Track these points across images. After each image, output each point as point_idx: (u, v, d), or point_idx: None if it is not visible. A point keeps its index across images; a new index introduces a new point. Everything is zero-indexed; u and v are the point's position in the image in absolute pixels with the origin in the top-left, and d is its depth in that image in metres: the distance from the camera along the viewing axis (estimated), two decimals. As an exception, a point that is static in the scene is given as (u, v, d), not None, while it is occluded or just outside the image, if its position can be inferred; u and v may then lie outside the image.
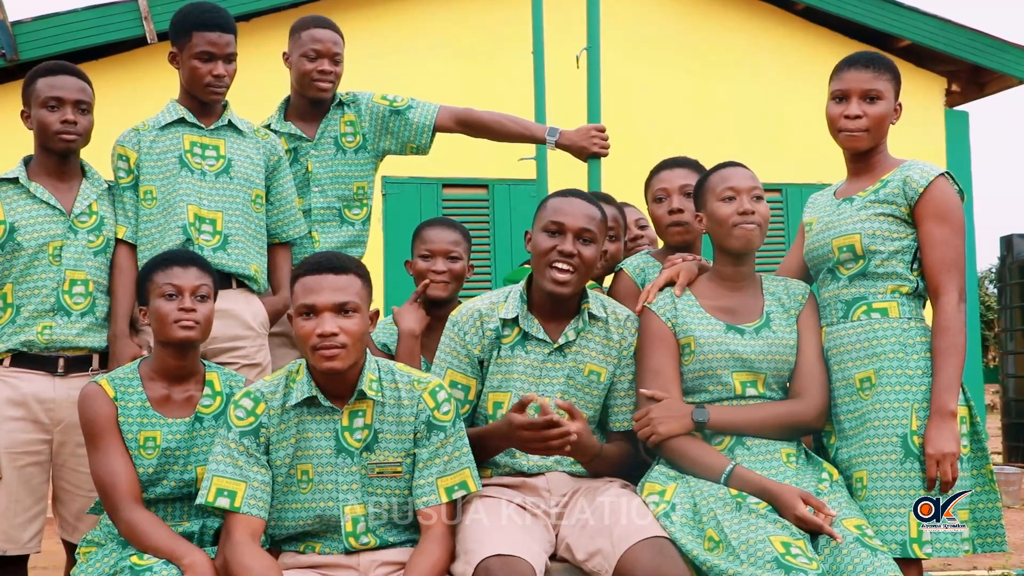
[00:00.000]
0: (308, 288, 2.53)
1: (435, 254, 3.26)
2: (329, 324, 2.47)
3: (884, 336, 2.73)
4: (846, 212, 2.84)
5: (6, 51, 6.77)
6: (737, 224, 2.76)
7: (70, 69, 3.17)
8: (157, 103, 3.42)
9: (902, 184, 2.76)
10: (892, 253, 2.76)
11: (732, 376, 2.77)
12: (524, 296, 2.81)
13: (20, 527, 3.02)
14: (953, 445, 2.57)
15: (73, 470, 3.08)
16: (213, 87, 3.22)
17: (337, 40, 3.53)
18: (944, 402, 2.60)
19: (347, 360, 2.50)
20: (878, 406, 2.68)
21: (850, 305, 2.80)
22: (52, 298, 3.06)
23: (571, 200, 2.78)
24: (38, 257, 3.08)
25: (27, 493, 3.03)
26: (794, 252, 3.09)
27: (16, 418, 3.02)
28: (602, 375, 2.81)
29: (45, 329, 3.05)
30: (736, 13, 8.50)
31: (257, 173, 3.32)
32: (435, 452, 2.60)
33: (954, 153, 8.64)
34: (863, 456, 2.68)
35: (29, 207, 3.11)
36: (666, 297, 2.87)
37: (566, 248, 2.69)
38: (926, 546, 2.57)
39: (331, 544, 2.59)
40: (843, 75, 2.85)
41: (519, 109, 4.01)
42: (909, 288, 2.77)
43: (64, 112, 3.08)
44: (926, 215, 2.73)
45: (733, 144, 7.77)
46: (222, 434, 2.56)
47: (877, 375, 2.70)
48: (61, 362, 3.08)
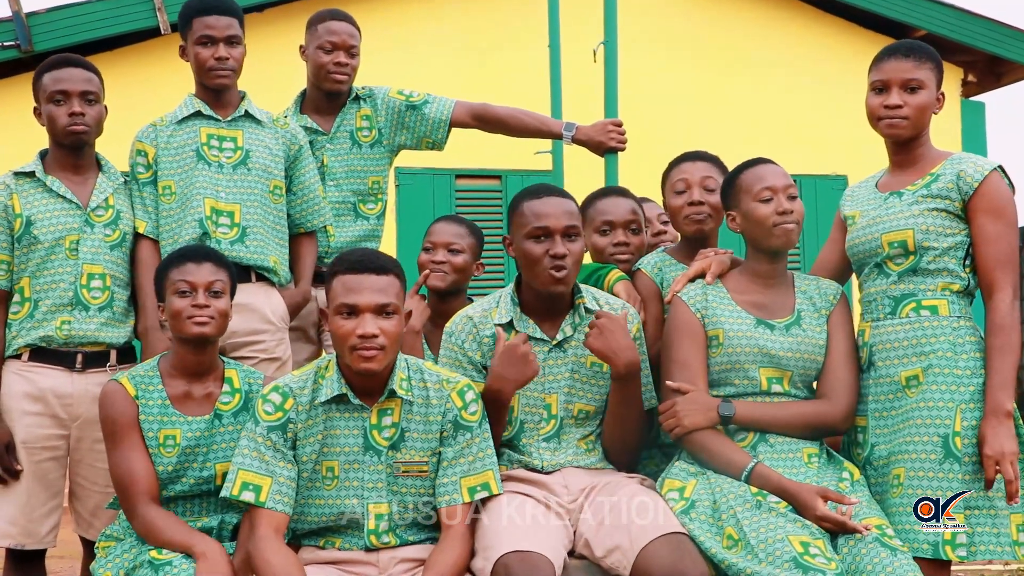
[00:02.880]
0: (349, 287, 2.52)
1: (436, 246, 3.25)
2: (370, 325, 2.47)
3: (934, 335, 2.69)
4: (895, 207, 2.78)
5: (21, 42, 6.78)
6: (777, 224, 2.73)
7: (74, 61, 3.14)
8: (171, 94, 3.42)
9: (955, 178, 2.71)
10: (945, 249, 2.71)
11: (759, 371, 2.75)
12: (515, 299, 2.81)
13: (37, 521, 3.03)
14: (1012, 444, 2.54)
15: (90, 466, 3.09)
16: (217, 70, 3.21)
17: (353, 33, 3.53)
18: (1000, 401, 2.57)
19: (384, 361, 2.50)
20: (923, 404, 2.65)
21: (898, 301, 2.75)
22: (70, 292, 3.05)
23: (548, 200, 2.75)
24: (55, 251, 3.07)
25: (44, 487, 3.04)
26: (832, 245, 3.03)
27: (34, 413, 3.02)
28: (604, 365, 2.81)
29: (64, 324, 3.04)
30: (751, 5, 8.45)
31: (276, 164, 3.31)
32: (460, 452, 2.60)
33: (970, 144, 8.58)
34: (902, 453, 2.66)
35: (46, 201, 3.10)
36: (697, 288, 2.85)
37: (558, 251, 2.68)
38: (959, 548, 2.55)
39: (352, 540, 2.60)
40: (883, 65, 2.79)
41: (535, 103, 4.00)
42: (960, 286, 2.72)
43: (71, 104, 3.06)
44: (980, 210, 2.68)
45: (749, 136, 7.75)
46: (249, 428, 2.57)
47: (925, 373, 2.67)
48: (79, 357, 3.07)
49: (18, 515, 3.01)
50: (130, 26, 7.12)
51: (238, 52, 3.26)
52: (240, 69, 3.29)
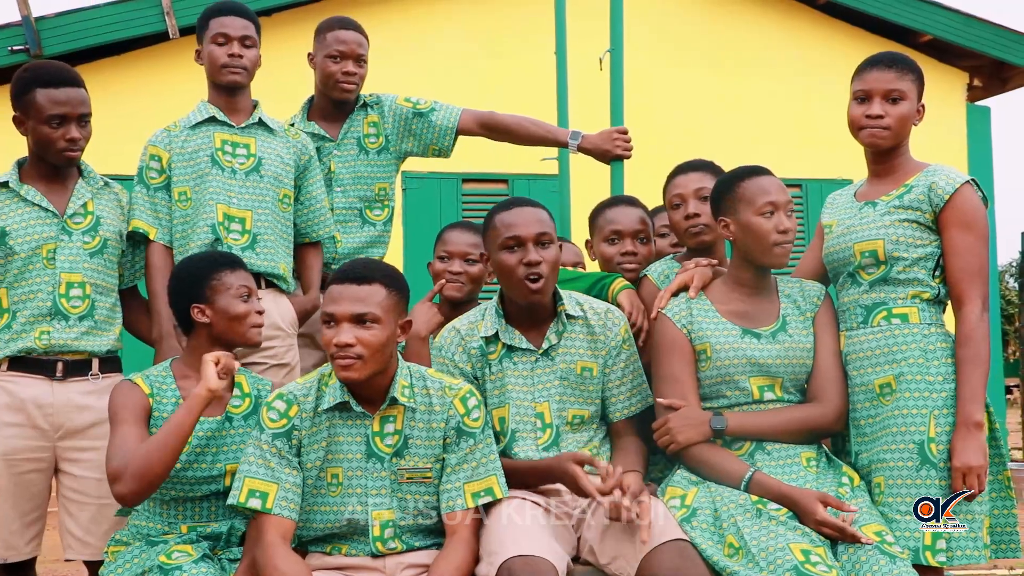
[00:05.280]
0: (331, 297, 2.57)
1: (452, 255, 3.27)
2: (346, 335, 2.49)
3: (905, 342, 2.72)
4: (869, 216, 2.81)
5: (30, 46, 6.82)
6: (778, 243, 2.75)
7: (69, 78, 3.01)
8: (179, 98, 3.45)
9: (927, 190, 2.74)
10: (915, 260, 2.75)
11: (749, 381, 2.77)
12: (500, 311, 2.84)
13: (18, 533, 2.97)
14: (980, 458, 2.57)
15: (79, 476, 3.00)
16: (230, 67, 3.23)
17: (362, 41, 3.55)
18: (970, 413, 2.60)
19: (364, 371, 2.51)
20: (897, 412, 2.68)
21: (870, 310, 2.79)
22: (48, 302, 2.98)
23: (518, 211, 2.79)
24: (32, 261, 2.99)
25: (27, 500, 2.97)
26: (812, 253, 3.07)
27: (14, 424, 2.95)
28: (594, 370, 2.84)
29: (43, 334, 2.96)
30: (758, 10, 8.47)
31: (287, 172, 3.33)
32: (464, 458, 2.63)
33: (975, 148, 8.59)
34: (880, 461, 2.69)
35: (20, 210, 3.01)
36: (681, 303, 2.87)
37: (531, 258, 2.71)
38: (939, 554, 2.57)
39: (358, 546, 2.62)
40: (865, 75, 2.83)
41: (541, 109, 4.02)
42: (930, 294, 2.76)
43: (68, 129, 2.97)
44: (951, 223, 2.71)
45: (755, 141, 7.77)
46: (255, 435, 2.59)
47: (897, 380, 2.70)
48: (60, 366, 2.98)
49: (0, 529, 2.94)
50: (139, 31, 7.17)
51: (252, 54, 3.28)
52: (253, 72, 3.32)
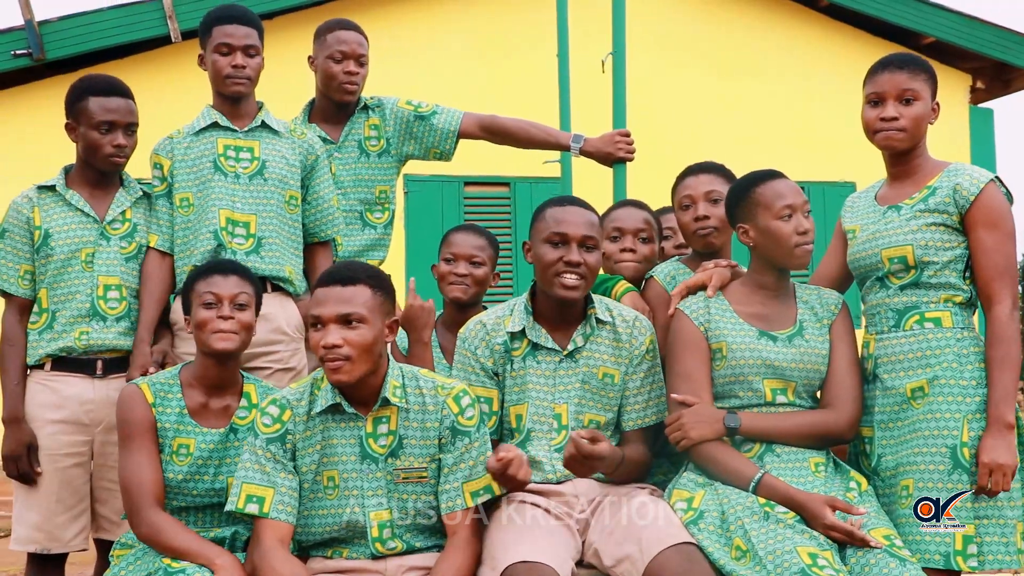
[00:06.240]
0: (317, 299, 2.57)
1: (458, 258, 3.26)
2: (333, 336, 2.50)
3: (939, 346, 2.70)
4: (894, 221, 2.78)
5: (33, 50, 6.83)
6: (799, 244, 2.73)
7: (120, 89, 3.19)
8: (181, 102, 3.45)
9: (952, 192, 2.71)
10: (945, 263, 2.72)
11: (763, 383, 2.76)
12: (529, 307, 2.83)
13: (62, 526, 3.08)
14: (1009, 457, 2.55)
15: (114, 468, 3.08)
16: (233, 78, 3.23)
17: (362, 42, 3.55)
18: (1001, 413, 2.58)
19: (353, 372, 2.51)
20: (929, 416, 2.66)
21: (902, 314, 2.76)
22: (87, 303, 3.11)
23: (569, 209, 2.78)
24: (71, 263, 3.13)
25: (70, 493, 3.09)
26: (833, 256, 3.03)
27: (57, 420, 3.08)
28: (616, 377, 2.82)
29: (82, 335, 3.10)
30: (759, 13, 8.47)
31: (292, 174, 3.32)
32: (460, 457, 2.62)
33: (979, 150, 8.59)
34: (911, 464, 2.66)
35: (64, 214, 3.17)
36: (699, 301, 2.85)
37: (572, 258, 2.71)
38: (971, 559, 2.55)
39: (358, 549, 2.61)
40: (877, 78, 2.80)
41: (543, 112, 4.01)
42: (962, 297, 2.73)
43: (116, 136, 3.13)
44: (977, 223, 2.69)
45: (757, 143, 7.77)
46: (250, 441, 2.60)
47: (931, 385, 2.67)
48: (100, 364, 3.13)
49: (43, 522, 3.06)
50: (141, 34, 7.17)
51: (255, 62, 3.28)
52: (257, 79, 3.31)
